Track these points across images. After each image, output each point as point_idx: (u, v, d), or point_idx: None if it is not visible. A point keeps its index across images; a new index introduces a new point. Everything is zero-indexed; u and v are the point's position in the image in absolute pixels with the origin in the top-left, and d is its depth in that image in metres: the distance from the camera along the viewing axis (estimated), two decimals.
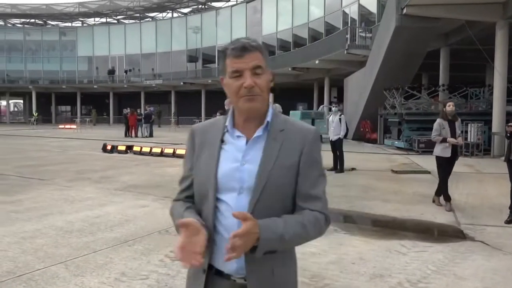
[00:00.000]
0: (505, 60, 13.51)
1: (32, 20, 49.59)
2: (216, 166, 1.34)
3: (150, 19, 46.83)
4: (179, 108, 42.20)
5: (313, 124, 20.15)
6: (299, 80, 32.37)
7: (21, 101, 56.20)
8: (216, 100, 24.67)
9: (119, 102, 47.10)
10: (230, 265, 1.30)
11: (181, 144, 16.10)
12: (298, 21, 32.49)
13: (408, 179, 9.21)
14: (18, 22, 50.49)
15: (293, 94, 36.18)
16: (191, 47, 42.59)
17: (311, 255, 4.25)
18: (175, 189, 1.50)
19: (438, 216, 5.88)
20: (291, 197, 1.36)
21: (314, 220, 1.33)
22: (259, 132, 1.36)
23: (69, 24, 49.61)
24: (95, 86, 44.81)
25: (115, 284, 3.51)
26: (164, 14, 46.26)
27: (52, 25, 50.13)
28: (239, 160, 1.34)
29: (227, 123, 1.39)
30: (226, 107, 10.51)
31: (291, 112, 22.36)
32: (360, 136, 19.91)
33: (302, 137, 1.38)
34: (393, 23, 14.72)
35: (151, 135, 23.61)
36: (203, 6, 43.14)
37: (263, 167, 1.32)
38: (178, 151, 13.26)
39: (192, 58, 42.83)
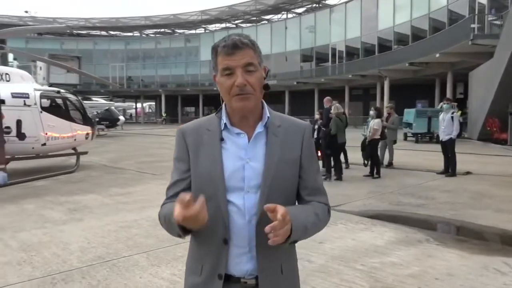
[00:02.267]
0: None
1: (162, 30, 54.82)
2: (221, 166, 1.30)
3: (266, 22, 48.22)
4: (292, 107, 42.66)
5: (429, 123, 18.88)
6: (419, 76, 30.19)
7: (154, 103, 62.49)
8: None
9: None
10: (241, 267, 1.31)
11: None
12: (417, 12, 30.37)
13: None
14: (151, 32, 56.24)
15: (412, 91, 33.97)
16: (305, 46, 42.75)
17: (390, 265, 3.91)
18: None
19: None
20: (294, 192, 1.38)
21: (322, 211, 1.38)
22: (260, 128, 1.34)
23: (193, 32, 53.68)
24: (214, 88, 47.36)
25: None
26: (279, 15, 47.19)
27: (179, 33, 54.78)
28: (242, 158, 1.31)
29: (224, 121, 1.34)
30: (325, 105, 10.30)
31: (405, 110, 20.99)
32: (487, 136, 17.80)
33: (299, 132, 1.39)
34: None
35: None
36: (317, 5, 42.97)
37: (269, 164, 1.31)
38: None
39: (306, 58, 43.01)
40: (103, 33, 55.95)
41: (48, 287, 3.46)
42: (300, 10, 45.47)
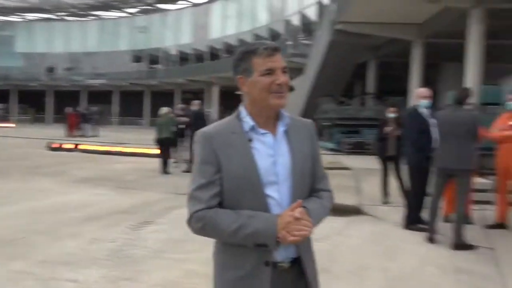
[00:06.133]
0: (420, 72, 15.50)
1: None
2: (256, 164, 1.42)
3: (95, 17, 46.24)
4: (122, 108, 42.00)
5: None
6: None
7: None
8: (161, 101, 25.25)
9: (59, 101, 45.87)
10: (281, 253, 1.45)
11: (127, 143, 16.70)
12: (244, 27, 34.03)
13: (334, 174, 10.67)
14: None
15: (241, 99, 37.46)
16: (137, 47, 42.74)
17: None
18: (127, 181, 2.05)
19: (348, 200, 7.24)
20: (311, 181, 1.55)
21: (330, 200, 1.59)
22: (282, 126, 1.50)
23: (7, 18, 47.70)
24: (33, 84, 43.37)
25: (90, 245, 4.49)
26: (109, 13, 45.88)
27: None
28: (272, 155, 1.45)
29: (251, 123, 1.46)
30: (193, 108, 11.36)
31: None
32: None
33: (308, 128, 1.59)
34: (328, 37, 16.37)
35: (95, 134, 23.68)
36: (150, 7, 43.41)
37: (294, 159, 1.47)
38: (125, 149, 14.27)
39: (137, 59, 42.90)
40: None
41: None
42: (132, 10, 45.12)
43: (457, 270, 3.99)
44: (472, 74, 11.29)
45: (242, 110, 1.50)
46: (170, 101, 33.44)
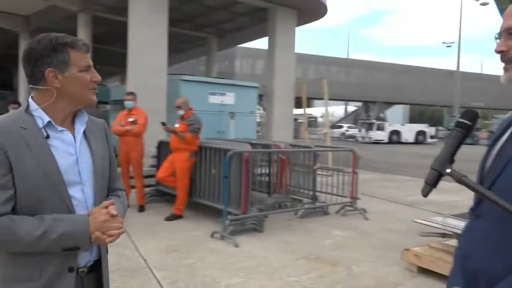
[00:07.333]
0: None
1: None
2: (56, 163, 1.30)
3: None
4: None
5: None
6: None
7: None
8: None
9: None
10: (86, 257, 1.39)
11: None
12: None
13: None
14: None
15: None
16: None
17: None
18: None
19: None
20: (108, 181, 1.51)
21: (125, 199, 1.59)
22: (82, 125, 1.42)
23: None
24: None
25: None
26: None
27: None
28: (72, 154, 1.36)
29: (47, 119, 1.32)
30: None
31: None
32: None
33: (102, 127, 1.54)
34: None
35: None
36: None
37: (95, 158, 1.42)
38: None
39: None
40: None
41: None
42: None
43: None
44: None
45: (32, 104, 1.33)
46: None
